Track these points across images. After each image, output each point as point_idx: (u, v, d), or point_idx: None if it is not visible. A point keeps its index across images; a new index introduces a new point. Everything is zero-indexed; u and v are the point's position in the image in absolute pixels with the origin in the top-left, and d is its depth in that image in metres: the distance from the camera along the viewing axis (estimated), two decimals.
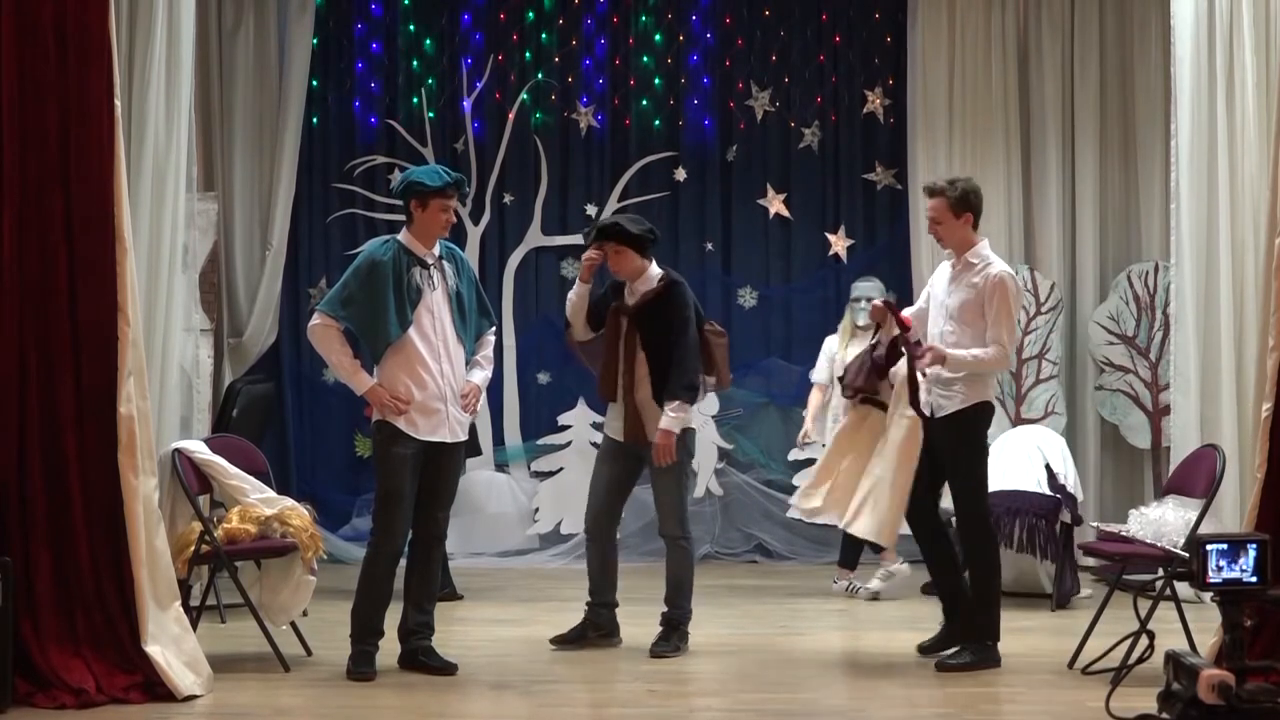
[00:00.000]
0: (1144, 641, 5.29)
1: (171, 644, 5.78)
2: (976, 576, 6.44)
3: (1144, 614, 5.52)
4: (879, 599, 8.08)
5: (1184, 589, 5.99)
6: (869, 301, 7.56)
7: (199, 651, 5.93)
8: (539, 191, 9.86)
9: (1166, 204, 8.37)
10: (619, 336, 6.68)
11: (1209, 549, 4.79)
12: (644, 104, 9.88)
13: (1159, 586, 6.23)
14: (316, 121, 9.72)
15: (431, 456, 6.23)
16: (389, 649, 6.28)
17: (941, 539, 6.55)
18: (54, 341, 5.69)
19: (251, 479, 6.75)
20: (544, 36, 9.88)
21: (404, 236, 6.26)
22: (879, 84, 9.87)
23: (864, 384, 6.52)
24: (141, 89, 6.72)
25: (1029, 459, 8.22)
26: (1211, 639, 5.74)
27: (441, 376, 6.21)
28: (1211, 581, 4.80)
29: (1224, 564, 4.79)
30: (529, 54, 9.89)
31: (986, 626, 6.36)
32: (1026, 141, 9.51)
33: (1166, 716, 4.80)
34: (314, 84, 9.59)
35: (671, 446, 6.56)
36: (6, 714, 5.40)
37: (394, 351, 6.17)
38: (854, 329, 8.28)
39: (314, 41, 9.52)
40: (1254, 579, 4.78)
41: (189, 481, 6.47)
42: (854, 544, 8.09)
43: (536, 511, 9.71)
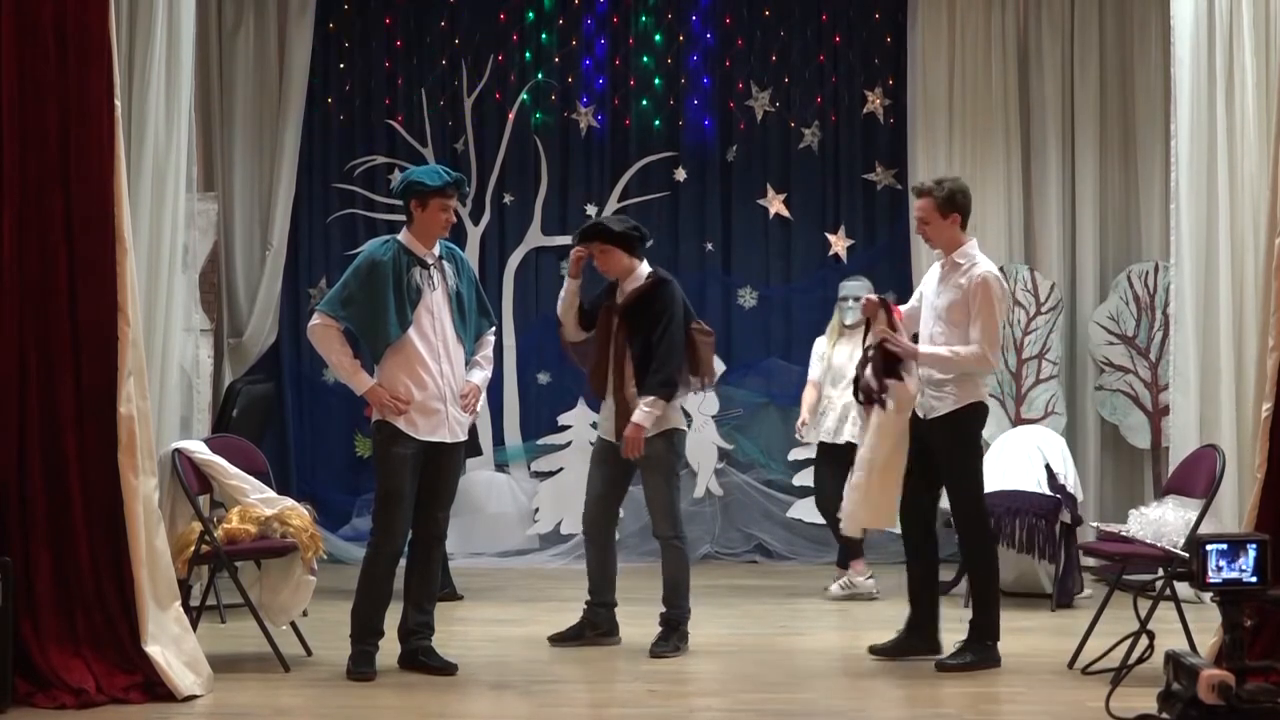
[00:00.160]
0: (1144, 641, 5.30)
1: (171, 644, 5.78)
2: (976, 577, 6.45)
3: (1144, 614, 5.52)
4: (876, 598, 8.07)
5: (1184, 589, 5.98)
6: (856, 301, 7.63)
7: (199, 651, 5.93)
8: (539, 191, 9.86)
9: (1166, 204, 8.36)
10: (609, 334, 6.70)
11: (1209, 549, 4.80)
12: (644, 104, 9.88)
13: (1159, 586, 6.22)
14: (316, 122, 9.72)
15: (431, 456, 6.23)
16: (389, 649, 6.28)
17: (928, 547, 6.53)
18: (54, 341, 5.69)
19: (251, 479, 6.75)
20: (544, 36, 9.89)
21: (404, 236, 6.26)
22: (879, 84, 9.87)
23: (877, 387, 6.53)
24: (141, 89, 6.72)
25: (1029, 459, 8.22)
26: (1211, 639, 5.73)
27: (441, 377, 6.21)
28: (1211, 581, 4.80)
29: (1224, 564, 4.79)
30: (529, 54, 9.89)
31: (986, 626, 6.36)
32: (1026, 141, 9.51)
33: (1166, 716, 4.81)
34: (314, 84, 9.59)
35: (639, 441, 6.56)
36: (6, 714, 5.40)
37: (394, 352, 6.17)
38: (842, 328, 8.28)
39: (313, 41, 9.53)
40: (1254, 579, 4.79)
41: (189, 481, 6.46)
42: (849, 542, 8.12)
43: (536, 511, 9.71)
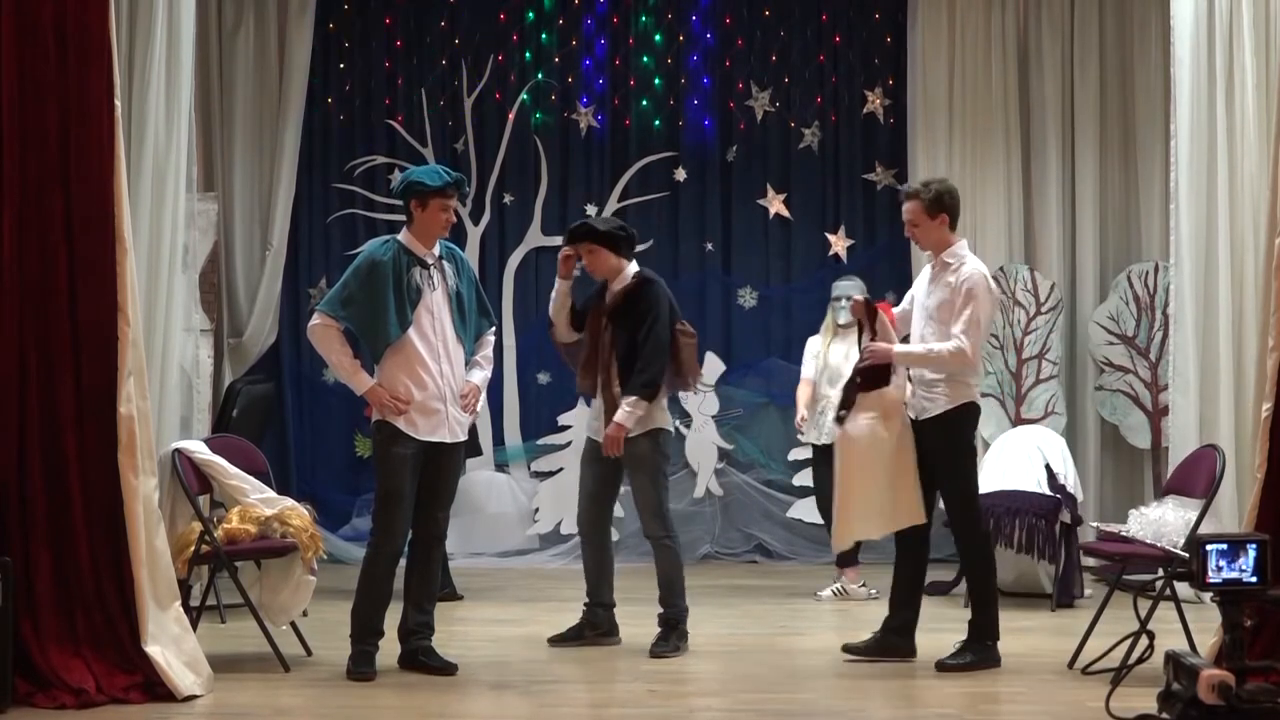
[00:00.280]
0: (1144, 641, 5.29)
1: (171, 644, 5.78)
2: (974, 577, 6.45)
3: (1144, 614, 5.52)
4: (876, 598, 8.07)
5: (1184, 589, 5.98)
6: (849, 300, 7.69)
7: (199, 651, 5.92)
8: (539, 191, 9.87)
9: (1166, 204, 8.36)
10: (598, 334, 6.72)
11: (1209, 549, 4.79)
12: (644, 104, 9.89)
13: (1159, 586, 6.22)
14: (316, 121, 9.72)
15: (431, 456, 6.23)
16: (389, 649, 6.28)
17: (921, 548, 6.52)
18: (54, 341, 5.69)
19: (251, 479, 6.75)
20: (544, 36, 9.89)
21: (404, 236, 6.26)
22: (879, 84, 9.88)
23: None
24: (141, 89, 6.72)
25: (1029, 459, 8.22)
26: (1211, 639, 5.73)
27: (441, 377, 6.21)
28: (1211, 581, 4.80)
29: (1224, 564, 4.79)
30: (529, 54, 9.89)
31: (985, 626, 6.36)
32: (1026, 141, 9.51)
33: (1166, 716, 4.80)
34: (314, 84, 9.59)
35: (619, 440, 6.58)
36: (6, 714, 5.39)
37: (394, 352, 6.17)
38: (836, 327, 8.29)
39: (313, 41, 9.53)
40: (1254, 579, 4.78)
41: (189, 481, 6.46)
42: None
43: (536, 511, 9.71)
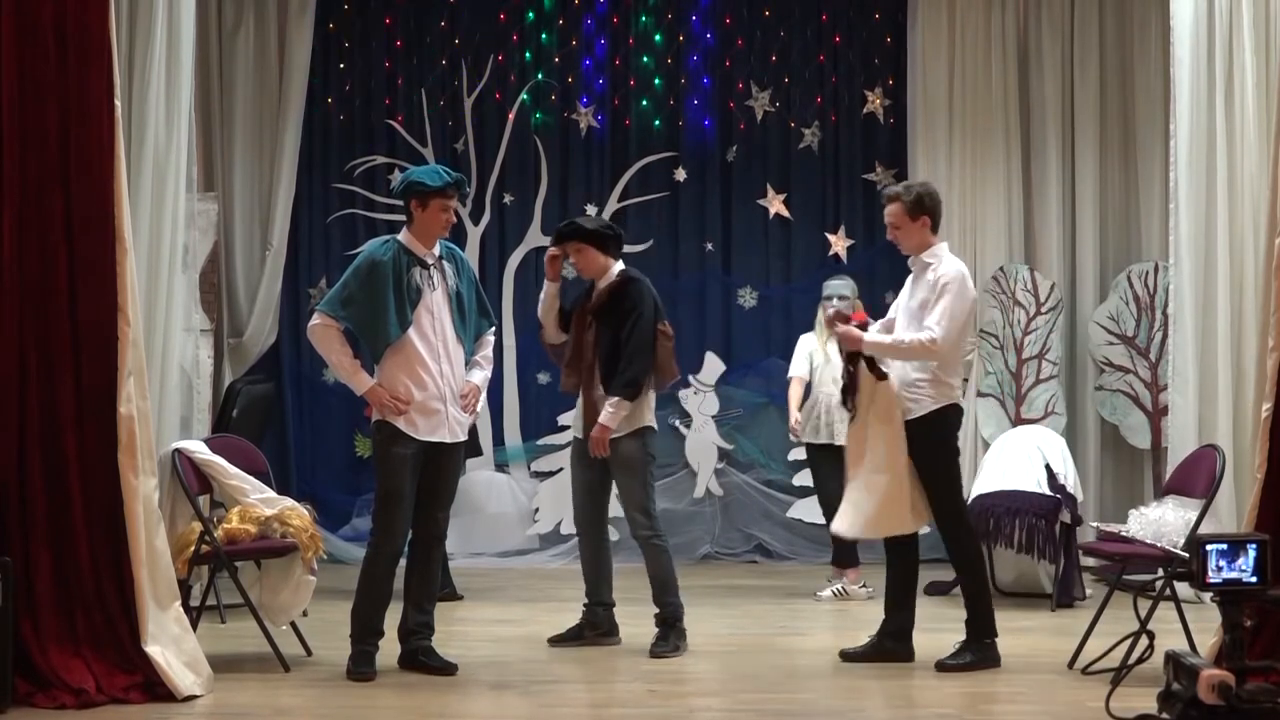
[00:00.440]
0: (1144, 641, 5.29)
1: (171, 644, 5.78)
2: (965, 576, 6.48)
3: (1144, 614, 5.52)
4: (875, 598, 8.07)
5: (1184, 589, 5.98)
6: (842, 300, 7.87)
7: (199, 651, 5.92)
8: (539, 192, 9.87)
9: (1166, 204, 8.36)
10: (581, 333, 6.74)
11: (1209, 549, 4.80)
12: (644, 104, 9.88)
13: (1159, 586, 6.22)
14: (316, 122, 9.72)
15: (431, 457, 6.23)
16: (389, 649, 6.28)
17: (911, 548, 6.52)
18: (54, 341, 5.69)
19: (251, 479, 6.75)
20: (544, 36, 9.89)
21: (404, 236, 6.26)
22: (879, 84, 9.88)
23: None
24: (141, 89, 6.72)
25: (1029, 459, 8.22)
26: (1211, 639, 5.73)
27: (441, 377, 6.21)
28: (1211, 581, 4.80)
29: (1224, 564, 4.79)
30: (529, 54, 9.89)
31: (981, 624, 6.37)
32: (1026, 141, 9.51)
33: (1166, 716, 4.80)
34: (314, 84, 9.59)
35: (604, 440, 6.60)
36: (6, 714, 5.39)
37: (394, 352, 6.17)
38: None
39: (313, 41, 9.53)
40: (1254, 579, 4.79)
41: (189, 481, 6.46)
42: (844, 545, 8.13)
43: (536, 511, 9.71)
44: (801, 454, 9.32)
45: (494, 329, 6.54)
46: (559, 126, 9.89)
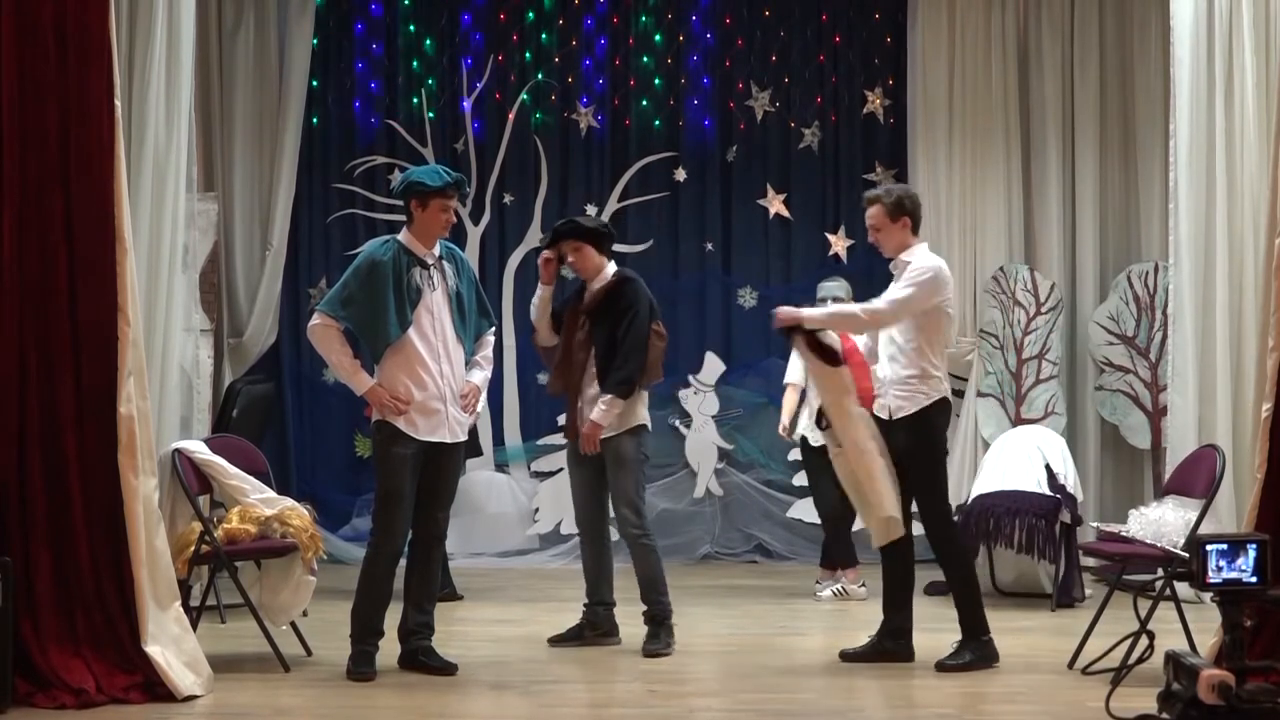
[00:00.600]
0: (1144, 641, 5.29)
1: (171, 644, 5.78)
2: (953, 576, 6.48)
3: (1144, 614, 5.52)
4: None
5: (1184, 589, 5.98)
6: (836, 301, 7.85)
7: (199, 651, 5.92)
8: (539, 192, 9.87)
9: (1166, 204, 8.35)
10: (572, 334, 6.74)
11: (1209, 549, 4.80)
12: (644, 104, 9.89)
13: (1159, 586, 6.22)
14: (316, 121, 9.73)
15: (431, 457, 6.23)
16: (389, 649, 6.28)
17: (906, 547, 6.51)
18: (54, 341, 5.69)
19: (251, 479, 6.75)
20: (544, 36, 9.89)
21: (404, 236, 6.26)
22: (879, 84, 9.88)
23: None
24: (141, 89, 6.72)
25: (1029, 459, 8.23)
26: (1211, 639, 5.73)
27: (441, 377, 6.21)
28: (1211, 581, 4.80)
29: (1224, 564, 4.79)
30: (529, 54, 9.89)
31: (974, 622, 6.38)
32: (1026, 141, 9.51)
33: (1166, 716, 4.80)
34: (314, 84, 9.59)
35: (595, 438, 6.62)
36: (6, 714, 5.39)
37: (394, 352, 6.17)
38: None
39: (314, 41, 9.53)
40: (1254, 579, 4.79)
41: (189, 481, 6.47)
42: (839, 546, 8.14)
43: (536, 511, 9.71)
44: (801, 454, 9.35)
45: (494, 329, 6.54)
46: (559, 126, 9.89)
